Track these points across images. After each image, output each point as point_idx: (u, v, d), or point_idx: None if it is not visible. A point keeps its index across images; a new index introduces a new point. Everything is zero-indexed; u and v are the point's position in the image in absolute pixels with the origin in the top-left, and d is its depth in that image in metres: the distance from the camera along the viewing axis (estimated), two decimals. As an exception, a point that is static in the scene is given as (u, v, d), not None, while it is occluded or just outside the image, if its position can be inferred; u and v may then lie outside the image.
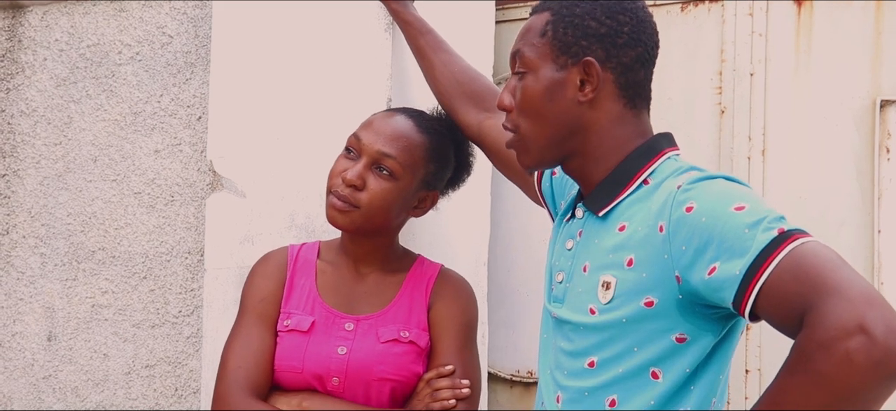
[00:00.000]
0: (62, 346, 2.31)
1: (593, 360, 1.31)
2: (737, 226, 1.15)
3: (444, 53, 1.92)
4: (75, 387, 2.30)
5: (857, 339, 1.01)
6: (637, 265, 1.26)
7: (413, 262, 1.80)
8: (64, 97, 2.34)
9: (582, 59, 1.33)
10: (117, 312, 2.28)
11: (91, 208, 2.30)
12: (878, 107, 1.95)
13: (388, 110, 1.77)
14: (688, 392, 1.28)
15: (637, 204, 1.31)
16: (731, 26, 2.08)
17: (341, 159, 1.69)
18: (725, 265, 1.15)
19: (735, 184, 1.25)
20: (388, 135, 1.68)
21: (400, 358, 1.67)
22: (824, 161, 2.01)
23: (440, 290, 1.75)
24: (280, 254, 1.78)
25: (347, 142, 1.70)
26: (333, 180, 1.67)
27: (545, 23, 1.36)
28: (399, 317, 1.71)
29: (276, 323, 1.71)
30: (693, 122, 2.10)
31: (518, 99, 1.38)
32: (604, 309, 1.29)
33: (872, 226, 1.96)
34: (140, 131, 2.27)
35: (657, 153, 1.36)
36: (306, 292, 1.72)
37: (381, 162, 1.66)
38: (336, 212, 1.66)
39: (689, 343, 1.26)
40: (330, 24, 2.04)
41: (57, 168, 2.34)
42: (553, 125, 1.36)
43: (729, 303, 1.16)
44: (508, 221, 2.24)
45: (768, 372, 2.02)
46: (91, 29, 2.32)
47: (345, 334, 1.68)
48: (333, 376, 1.65)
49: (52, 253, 2.33)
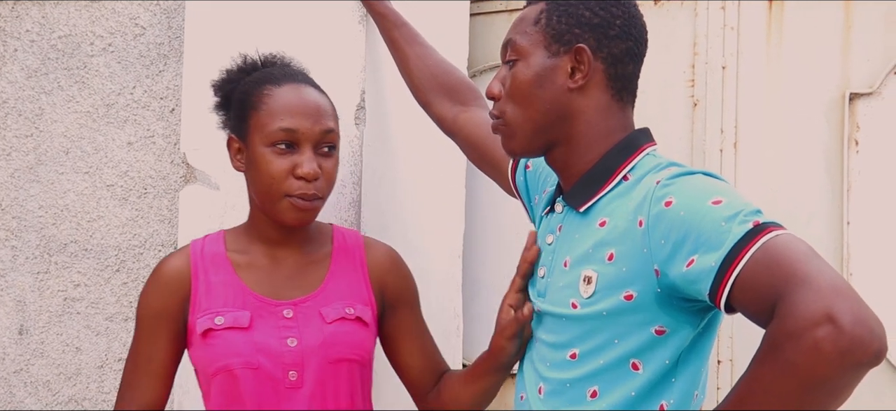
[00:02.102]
0: (34, 340, 2.29)
1: (575, 352, 1.33)
2: (714, 220, 1.17)
3: (418, 46, 1.92)
4: (47, 381, 2.28)
5: (824, 328, 1.02)
6: (617, 259, 1.28)
7: (331, 234, 1.73)
8: (35, 88, 2.32)
9: (574, 47, 1.35)
10: (90, 305, 2.26)
11: (63, 201, 2.28)
12: (847, 100, 1.97)
13: (278, 85, 1.62)
14: (669, 384, 1.30)
15: (617, 199, 1.33)
16: (703, 20, 2.09)
17: (277, 158, 1.56)
18: (702, 258, 1.17)
19: (713, 180, 1.27)
20: (315, 109, 1.59)
21: (351, 335, 1.61)
22: (795, 153, 2.03)
23: (380, 264, 1.71)
24: (178, 258, 1.66)
25: (275, 137, 1.56)
26: (285, 183, 1.56)
27: (539, 12, 1.39)
28: (338, 294, 1.64)
29: (179, 334, 1.63)
30: (666, 115, 2.12)
31: (508, 86, 1.40)
32: (585, 303, 1.31)
33: (841, 217, 1.98)
34: (113, 123, 2.26)
35: (637, 149, 1.38)
36: (230, 286, 1.62)
37: (324, 140, 1.59)
38: (304, 213, 1.58)
39: (669, 335, 1.28)
40: (303, 16, 2.03)
41: (28, 160, 2.32)
42: (541, 111, 1.37)
43: (705, 294, 1.18)
44: (483, 214, 2.25)
45: (740, 363, 2.04)
46: (62, 20, 2.30)
47: (287, 322, 1.59)
48: (290, 371, 1.57)
49: (23, 246, 2.31)
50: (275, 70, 1.67)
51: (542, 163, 1.61)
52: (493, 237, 2.25)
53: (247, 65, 1.71)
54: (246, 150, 1.62)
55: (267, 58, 1.72)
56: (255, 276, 1.64)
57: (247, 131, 1.61)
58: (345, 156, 2.02)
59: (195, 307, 1.62)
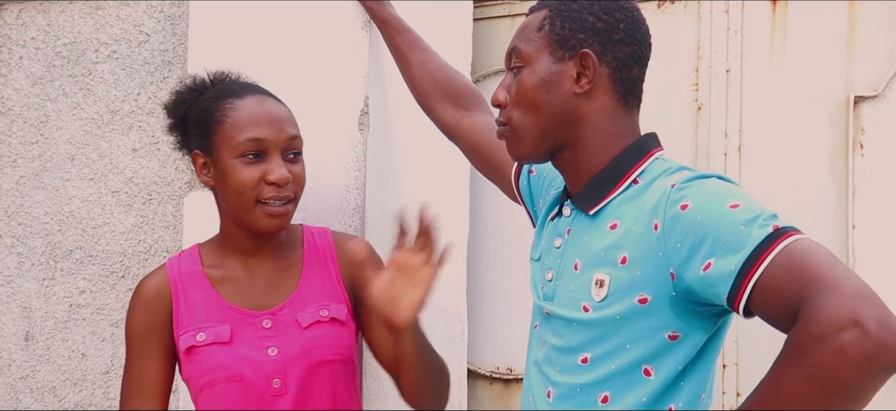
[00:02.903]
0: (40, 346, 2.30)
1: (586, 357, 1.33)
2: (732, 223, 1.17)
3: (421, 51, 1.92)
4: (53, 387, 2.28)
5: (850, 332, 1.03)
6: (631, 263, 1.28)
7: (302, 236, 1.76)
8: (40, 96, 2.33)
9: (579, 52, 1.35)
10: (95, 312, 2.26)
11: (68, 207, 2.29)
12: (851, 103, 1.97)
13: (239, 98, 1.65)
14: (678, 388, 1.30)
15: (627, 203, 1.33)
16: (707, 23, 2.09)
17: (246, 168, 1.60)
18: (720, 261, 1.16)
19: (729, 183, 1.27)
20: (278, 118, 1.64)
21: (328, 338, 1.65)
22: (799, 157, 2.02)
23: (348, 258, 1.71)
24: (156, 277, 1.70)
25: (243, 148, 1.60)
26: (257, 189, 1.60)
27: (543, 18, 1.39)
28: (312, 297, 1.68)
29: (169, 351, 1.67)
30: (670, 119, 2.12)
31: (514, 92, 1.40)
32: (598, 306, 1.31)
33: (847, 221, 1.98)
34: (117, 130, 2.26)
35: (646, 153, 1.38)
36: (210, 302, 1.66)
37: (290, 147, 1.64)
38: (278, 218, 1.62)
39: (681, 340, 1.28)
40: (307, 21, 2.04)
41: (34, 167, 2.32)
42: (548, 116, 1.37)
43: (723, 298, 1.18)
44: (487, 219, 2.24)
45: (745, 368, 2.04)
46: (67, 27, 2.31)
47: (266, 332, 1.64)
48: (273, 379, 1.62)
49: (29, 252, 2.32)
50: (232, 84, 1.70)
51: (545, 168, 1.61)
52: (497, 241, 2.25)
53: (197, 84, 1.74)
54: (213, 165, 1.65)
55: (216, 75, 1.76)
56: (232, 289, 1.68)
57: (212, 146, 1.64)
58: (349, 161, 2.02)
59: (178, 324, 1.66)
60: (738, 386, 2.05)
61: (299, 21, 2.04)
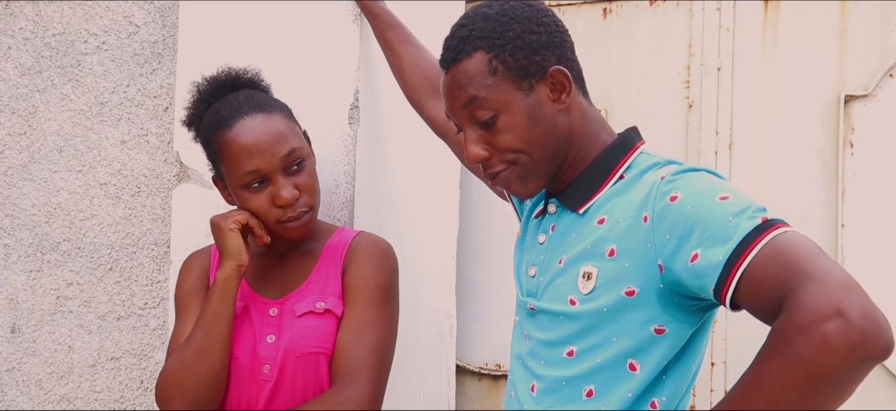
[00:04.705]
0: (26, 339, 2.28)
1: (572, 350, 1.33)
2: (722, 215, 1.17)
3: (411, 47, 1.92)
4: (39, 380, 2.27)
5: (834, 323, 1.04)
6: (619, 255, 1.28)
7: (332, 234, 1.79)
8: (29, 86, 2.31)
9: (547, 71, 1.34)
10: (82, 304, 2.25)
11: (56, 199, 2.28)
12: (842, 102, 1.97)
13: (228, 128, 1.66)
14: (661, 383, 1.31)
15: (615, 197, 1.33)
16: (699, 21, 2.09)
17: (255, 196, 1.65)
18: (708, 252, 1.17)
19: (717, 177, 1.28)
20: (271, 139, 1.64)
21: (317, 329, 1.66)
22: (790, 155, 2.02)
23: (353, 254, 1.73)
24: (203, 251, 1.83)
25: (245, 181, 1.64)
26: (272, 213, 1.65)
27: (488, 60, 1.34)
28: (315, 290, 1.71)
29: None
30: (661, 116, 2.12)
31: (501, 142, 1.35)
32: (585, 298, 1.31)
33: (836, 219, 1.98)
34: (106, 121, 2.25)
35: (630, 147, 1.39)
36: None
37: (290, 162, 1.66)
38: (300, 228, 1.67)
39: (667, 334, 1.28)
40: (297, 15, 2.03)
41: (21, 158, 2.31)
42: (544, 146, 1.35)
43: (710, 289, 1.18)
44: (477, 215, 2.24)
45: (734, 366, 2.04)
46: (56, 18, 2.29)
47: (270, 320, 1.69)
48: (265, 364, 1.66)
49: (16, 244, 2.30)
50: (222, 108, 1.70)
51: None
52: (487, 238, 2.25)
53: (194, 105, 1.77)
54: (231, 192, 1.72)
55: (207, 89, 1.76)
56: (257, 274, 1.77)
57: (223, 176, 1.71)
58: (338, 155, 2.01)
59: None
60: (727, 385, 2.05)
61: (289, 14, 2.03)
